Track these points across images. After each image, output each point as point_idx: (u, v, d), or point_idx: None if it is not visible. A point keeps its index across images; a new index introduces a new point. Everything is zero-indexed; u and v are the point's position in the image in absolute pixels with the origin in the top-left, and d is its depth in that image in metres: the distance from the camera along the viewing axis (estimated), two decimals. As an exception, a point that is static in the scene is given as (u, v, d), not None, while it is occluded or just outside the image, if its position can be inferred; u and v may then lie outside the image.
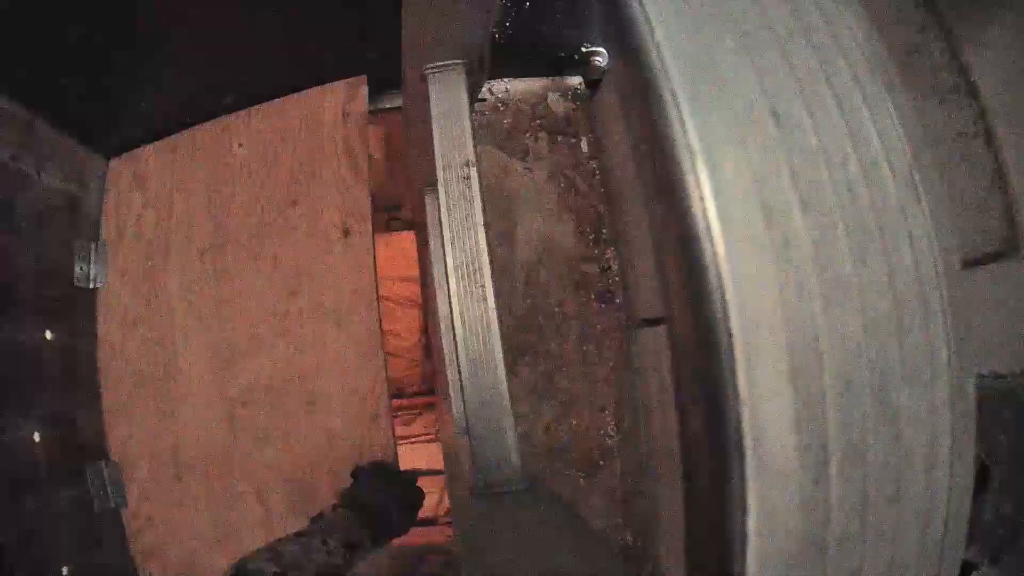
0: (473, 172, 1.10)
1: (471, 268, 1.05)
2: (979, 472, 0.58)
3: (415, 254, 4.58)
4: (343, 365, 1.94)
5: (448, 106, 1.18)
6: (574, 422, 1.95)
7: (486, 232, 1.09)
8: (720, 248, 0.29)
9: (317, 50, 2.03)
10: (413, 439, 3.84)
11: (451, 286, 1.05)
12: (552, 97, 2.10)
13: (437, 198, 1.14)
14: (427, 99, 1.24)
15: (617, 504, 1.96)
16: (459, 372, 1.07)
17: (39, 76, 1.59)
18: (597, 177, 2.06)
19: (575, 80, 2.14)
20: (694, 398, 0.32)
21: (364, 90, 2.07)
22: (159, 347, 1.94)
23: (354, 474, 1.64)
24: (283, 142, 2.04)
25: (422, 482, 2.95)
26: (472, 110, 1.26)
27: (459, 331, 1.04)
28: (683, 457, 0.37)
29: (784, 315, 0.28)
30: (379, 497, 1.49)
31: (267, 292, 1.97)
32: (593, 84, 2.12)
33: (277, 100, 2.10)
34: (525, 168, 2.01)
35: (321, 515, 1.38)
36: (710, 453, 0.31)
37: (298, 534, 1.18)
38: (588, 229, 2.04)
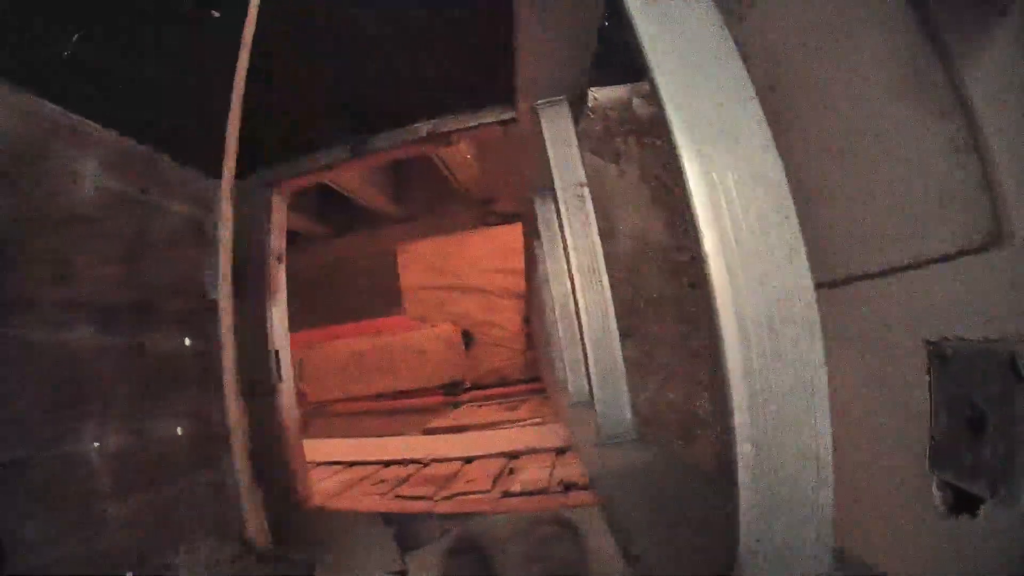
0: (585, 191, 1.36)
1: (590, 266, 1.31)
2: (979, 419, 0.70)
3: (515, 246, 4.73)
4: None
5: (558, 135, 1.44)
6: (672, 395, 2.16)
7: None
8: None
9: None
10: (520, 423, 4.10)
11: (575, 282, 1.31)
12: (636, 102, 2.30)
13: (555, 208, 1.40)
14: (538, 126, 1.50)
15: (712, 471, 2.15)
16: (584, 350, 1.33)
17: (159, 118, 1.85)
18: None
19: (657, 84, 2.31)
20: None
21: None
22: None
23: None
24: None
25: (533, 459, 3.20)
26: (578, 130, 1.51)
27: (584, 318, 1.30)
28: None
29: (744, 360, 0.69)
30: None
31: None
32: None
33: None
34: (619, 170, 2.23)
35: None
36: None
37: None
38: (678, 222, 2.24)
